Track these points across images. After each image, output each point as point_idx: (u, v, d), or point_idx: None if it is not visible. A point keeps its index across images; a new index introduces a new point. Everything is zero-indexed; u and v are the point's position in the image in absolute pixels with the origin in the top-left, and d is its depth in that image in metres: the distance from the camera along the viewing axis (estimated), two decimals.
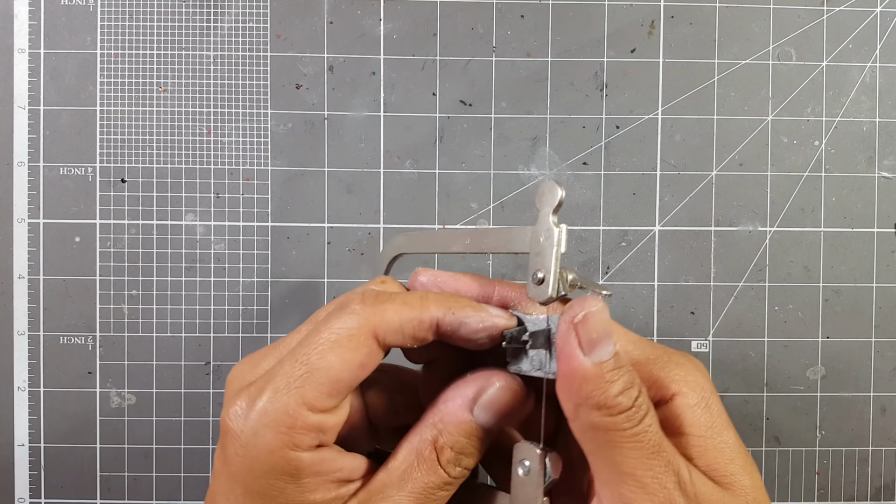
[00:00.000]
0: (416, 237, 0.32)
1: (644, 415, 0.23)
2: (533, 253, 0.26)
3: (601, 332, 0.23)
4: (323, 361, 0.24)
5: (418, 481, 0.25)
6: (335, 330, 0.24)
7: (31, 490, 0.39)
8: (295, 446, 0.23)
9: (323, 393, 0.24)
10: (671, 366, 0.26)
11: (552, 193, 0.26)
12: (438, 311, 0.25)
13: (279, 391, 0.23)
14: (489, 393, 0.25)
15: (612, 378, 0.23)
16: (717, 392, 0.26)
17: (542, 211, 0.27)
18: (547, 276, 0.26)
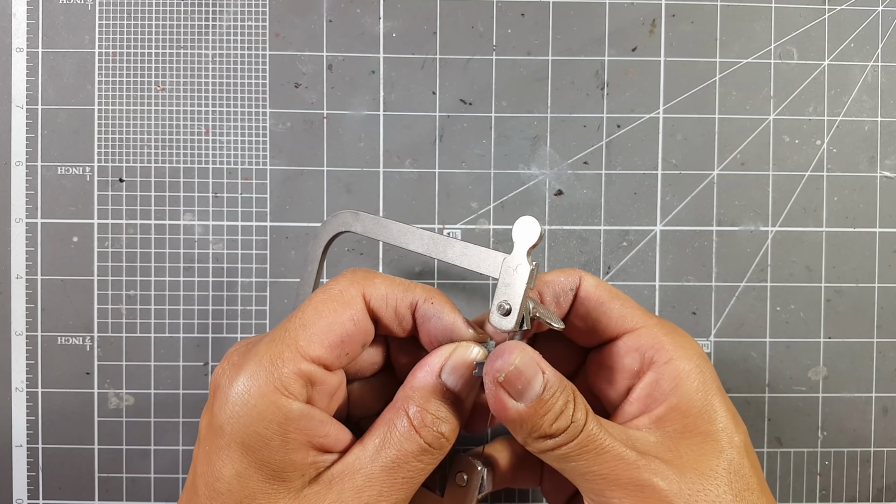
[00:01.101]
0: (367, 219, 0.32)
1: (583, 425, 0.26)
2: (502, 282, 0.28)
3: (524, 380, 0.25)
4: (317, 315, 0.25)
5: (392, 450, 0.26)
6: (327, 289, 0.26)
7: (30, 491, 0.39)
8: (286, 391, 0.24)
9: (315, 342, 0.25)
10: (672, 335, 0.29)
11: (532, 231, 0.27)
12: (420, 296, 0.28)
13: (274, 341, 0.25)
14: (455, 355, 0.27)
15: (545, 410, 0.25)
16: (709, 362, 0.29)
17: (519, 245, 0.28)
18: (514, 309, 0.27)
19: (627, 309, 0.30)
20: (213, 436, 0.25)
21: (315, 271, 0.34)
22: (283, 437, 0.24)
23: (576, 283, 0.30)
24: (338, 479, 0.25)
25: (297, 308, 0.26)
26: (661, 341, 0.29)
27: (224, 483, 0.24)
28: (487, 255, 0.29)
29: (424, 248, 0.30)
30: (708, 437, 0.27)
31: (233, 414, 0.24)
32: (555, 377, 0.26)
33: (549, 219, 0.39)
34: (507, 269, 0.28)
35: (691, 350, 0.29)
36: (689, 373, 0.28)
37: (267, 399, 0.24)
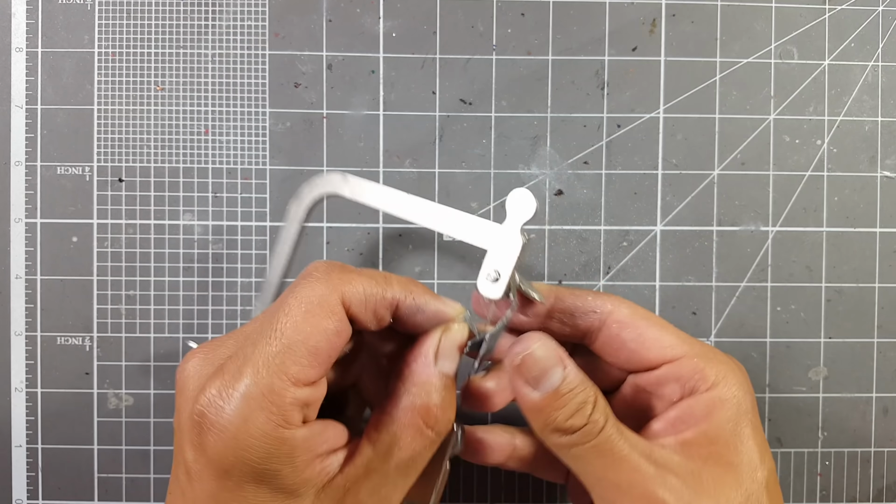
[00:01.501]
0: (356, 182, 0.31)
1: (601, 428, 0.26)
2: (493, 251, 0.28)
3: (541, 369, 0.25)
4: (298, 333, 0.23)
5: (406, 451, 0.26)
6: (304, 299, 0.24)
7: (29, 491, 0.39)
8: (288, 424, 0.23)
9: (305, 365, 0.23)
10: (714, 362, 0.28)
11: (528, 205, 0.28)
12: (399, 293, 0.26)
13: (259, 371, 0.23)
14: (445, 342, 0.27)
15: (561, 404, 0.25)
16: (751, 390, 0.29)
17: (513, 218, 0.28)
18: (502, 278, 0.28)
19: (667, 337, 0.29)
20: (213, 477, 0.23)
21: (295, 236, 0.33)
22: (293, 465, 0.24)
23: (602, 307, 0.29)
24: (353, 484, 0.25)
25: (272, 318, 0.24)
26: (703, 371, 0.28)
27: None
28: (481, 224, 0.29)
29: (416, 216, 0.31)
30: (731, 467, 0.27)
31: (235, 457, 0.23)
32: (576, 373, 0.26)
33: (550, 219, 0.39)
34: (499, 239, 0.28)
35: (732, 379, 0.28)
36: (725, 402, 0.27)
37: (270, 437, 0.23)
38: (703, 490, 0.26)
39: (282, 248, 0.33)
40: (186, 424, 0.24)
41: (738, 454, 0.27)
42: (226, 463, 0.23)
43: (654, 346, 0.29)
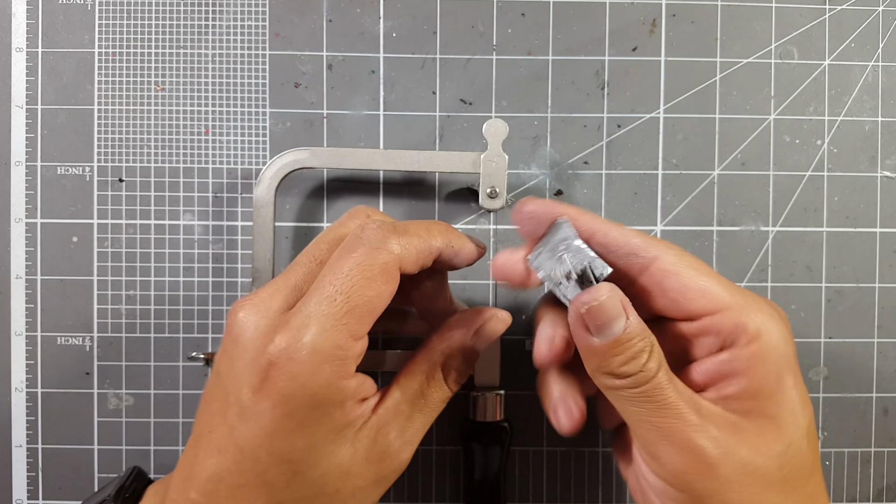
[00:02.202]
0: (324, 152, 0.36)
1: (651, 377, 0.27)
2: (485, 173, 0.35)
3: (605, 318, 0.27)
4: (362, 297, 0.26)
5: (429, 398, 0.30)
6: (366, 265, 0.27)
7: (29, 491, 0.39)
8: (347, 375, 0.27)
9: (366, 324, 0.27)
10: (755, 312, 0.28)
11: (502, 129, 0.35)
12: (441, 243, 0.29)
13: (327, 329, 0.26)
14: (488, 326, 0.31)
15: (619, 351, 0.27)
16: (791, 339, 0.29)
17: (492, 141, 0.35)
18: (501, 191, 0.35)
19: (711, 288, 0.28)
20: (281, 418, 0.26)
21: (271, 217, 0.36)
22: (343, 409, 0.27)
23: (646, 252, 0.29)
24: (383, 425, 0.29)
25: (334, 277, 0.27)
26: (745, 325, 0.28)
27: (309, 453, 0.27)
28: (461, 155, 0.36)
29: (395, 165, 0.36)
30: (773, 420, 0.27)
31: (302, 403, 0.26)
32: (637, 324, 0.27)
33: None
34: (486, 162, 0.35)
35: (774, 329, 0.28)
36: (766, 356, 0.27)
37: (332, 387, 0.26)
38: (744, 441, 0.27)
39: (262, 237, 0.36)
40: (248, 369, 0.26)
41: (781, 407, 0.27)
42: (290, 405, 0.26)
43: (697, 296, 0.28)
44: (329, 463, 0.27)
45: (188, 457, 0.28)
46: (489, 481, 0.37)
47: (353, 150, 0.36)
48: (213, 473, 0.27)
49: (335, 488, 0.27)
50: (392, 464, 0.29)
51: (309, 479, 0.27)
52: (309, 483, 0.27)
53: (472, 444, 0.36)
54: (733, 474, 0.26)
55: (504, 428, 0.36)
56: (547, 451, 0.40)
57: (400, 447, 0.29)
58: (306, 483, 0.27)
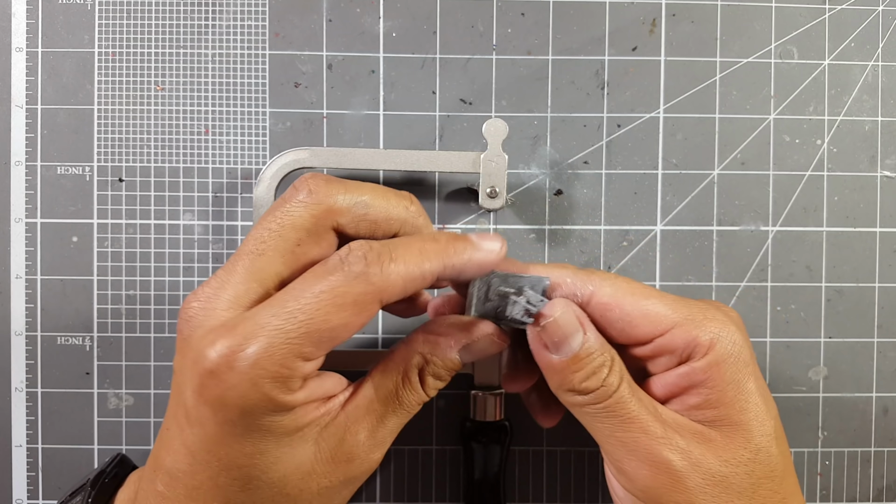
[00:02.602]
0: (324, 152, 0.36)
1: (612, 391, 0.27)
2: (485, 172, 0.35)
3: (561, 335, 0.27)
4: (325, 323, 0.24)
5: (403, 400, 0.28)
6: (342, 293, 0.24)
7: (29, 491, 0.39)
8: (291, 391, 0.24)
9: (322, 349, 0.24)
10: (706, 323, 0.28)
11: (501, 128, 0.35)
12: (436, 267, 0.26)
13: (274, 346, 0.23)
14: (479, 343, 0.29)
15: (578, 367, 0.27)
16: (747, 341, 0.29)
17: (492, 141, 0.35)
18: (501, 191, 0.35)
19: (654, 309, 0.28)
20: (220, 425, 0.24)
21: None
22: (293, 416, 0.25)
23: (582, 289, 0.28)
24: (353, 423, 0.27)
25: (300, 295, 0.24)
26: (695, 337, 0.27)
27: (253, 462, 0.25)
28: (461, 155, 0.36)
29: (395, 165, 0.36)
30: (740, 426, 0.27)
31: (241, 414, 0.24)
32: (596, 339, 0.27)
33: (549, 219, 0.39)
34: (486, 162, 0.35)
35: (726, 337, 0.28)
36: (722, 364, 0.27)
37: (273, 401, 0.24)
38: (711, 450, 0.27)
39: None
40: (190, 371, 0.24)
41: (745, 412, 0.27)
42: (229, 414, 0.24)
43: (642, 322, 0.28)
44: (287, 465, 0.26)
45: (156, 447, 0.27)
46: (489, 481, 0.37)
47: (353, 150, 0.36)
48: (170, 471, 0.26)
49: (298, 489, 0.26)
50: (361, 465, 0.27)
51: (266, 482, 0.25)
52: (267, 485, 0.26)
53: (471, 443, 0.37)
54: (702, 485, 0.26)
55: (504, 427, 0.37)
56: (547, 450, 0.40)
57: (370, 447, 0.27)
58: (264, 486, 0.25)
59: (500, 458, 0.36)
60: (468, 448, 0.37)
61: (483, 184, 0.35)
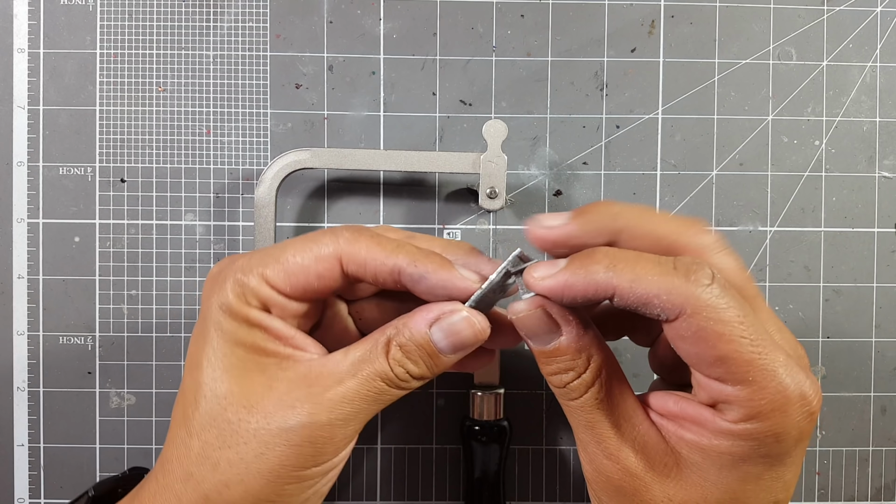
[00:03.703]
0: (325, 153, 0.36)
1: (575, 396, 0.27)
2: (484, 173, 0.36)
3: (527, 332, 0.27)
4: (291, 258, 0.27)
5: (365, 363, 0.27)
6: (311, 244, 0.27)
7: (31, 490, 0.39)
8: (245, 302, 0.27)
9: (278, 277, 0.27)
10: (769, 392, 0.24)
11: (501, 130, 0.35)
12: (403, 261, 0.27)
13: (253, 265, 0.27)
14: (450, 320, 0.27)
15: (545, 361, 0.27)
16: (804, 430, 0.25)
17: (492, 143, 0.36)
18: (501, 191, 0.36)
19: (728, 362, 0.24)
20: (205, 317, 0.28)
21: (272, 217, 0.36)
22: (251, 331, 0.27)
23: (668, 311, 0.24)
24: (312, 375, 0.27)
25: (291, 241, 0.28)
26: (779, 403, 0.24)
27: (206, 357, 0.27)
28: (461, 156, 0.36)
29: (395, 166, 0.36)
30: (702, 480, 0.26)
31: (216, 302, 0.27)
32: (570, 344, 0.26)
33: None
34: (486, 163, 0.36)
35: (780, 419, 0.24)
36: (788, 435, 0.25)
37: (236, 305, 0.27)
38: (661, 484, 0.26)
39: (262, 235, 0.36)
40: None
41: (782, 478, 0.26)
42: (206, 309, 0.28)
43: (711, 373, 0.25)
44: (233, 381, 0.27)
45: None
46: (489, 480, 0.37)
47: (354, 151, 0.36)
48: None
49: (238, 417, 0.26)
50: (304, 415, 0.26)
51: (213, 392, 0.27)
52: (214, 397, 0.27)
53: (471, 442, 0.37)
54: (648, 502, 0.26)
55: (503, 427, 0.37)
56: (546, 449, 0.40)
57: (323, 406, 0.26)
58: (211, 397, 0.27)
59: (499, 458, 0.37)
60: (468, 447, 0.37)
61: (483, 184, 0.36)
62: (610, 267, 0.25)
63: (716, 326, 0.24)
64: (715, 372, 0.24)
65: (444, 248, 0.29)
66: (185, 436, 0.27)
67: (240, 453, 0.26)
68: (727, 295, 0.24)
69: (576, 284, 0.25)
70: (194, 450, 0.27)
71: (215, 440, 0.26)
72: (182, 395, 0.28)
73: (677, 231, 0.27)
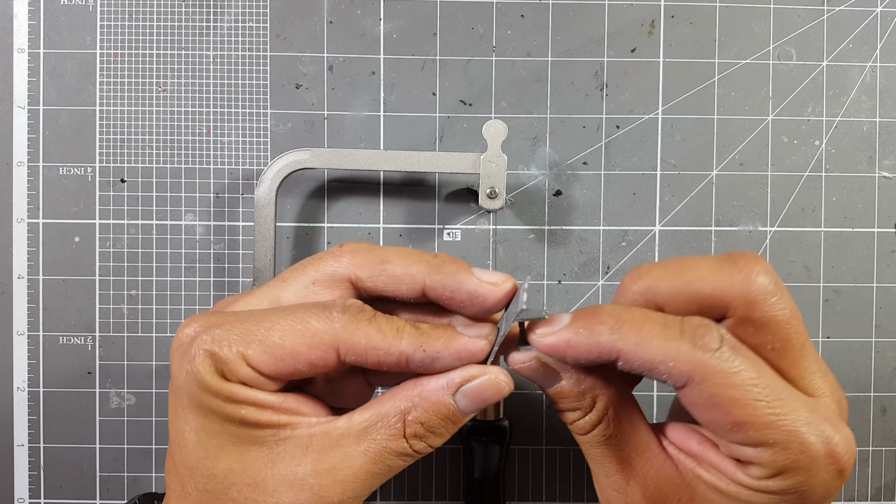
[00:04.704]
0: (325, 153, 0.36)
1: (584, 433, 0.27)
2: (484, 173, 0.36)
3: (531, 378, 0.26)
4: (278, 342, 0.24)
5: (377, 443, 0.25)
6: (305, 325, 0.24)
7: (31, 490, 0.39)
8: (220, 377, 0.24)
9: (261, 360, 0.24)
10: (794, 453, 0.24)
11: (501, 130, 0.36)
12: (408, 348, 0.25)
13: (232, 340, 0.24)
14: (476, 382, 0.25)
15: (555, 400, 0.27)
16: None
17: (492, 142, 0.36)
18: (501, 191, 0.36)
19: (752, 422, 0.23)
20: (176, 394, 0.25)
21: (272, 217, 0.36)
22: (235, 406, 0.25)
23: (677, 377, 0.24)
24: (316, 447, 0.25)
25: (277, 314, 0.25)
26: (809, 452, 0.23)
27: (195, 438, 0.25)
28: (461, 156, 0.36)
29: (395, 166, 0.36)
30: None
31: (187, 387, 0.25)
32: (572, 387, 0.26)
33: (549, 219, 0.39)
34: (486, 163, 0.36)
35: (803, 477, 0.24)
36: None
37: (214, 386, 0.24)
38: None
39: (262, 237, 0.36)
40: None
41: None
42: (176, 382, 0.25)
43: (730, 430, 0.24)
44: (230, 460, 0.25)
45: None
46: (489, 480, 0.37)
47: (354, 151, 0.36)
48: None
49: (244, 496, 0.24)
50: (314, 500, 0.25)
51: (209, 471, 0.25)
52: (211, 476, 0.25)
53: (471, 442, 0.37)
54: None
55: (503, 427, 0.37)
56: (546, 449, 0.40)
57: (328, 484, 0.25)
58: (208, 475, 0.25)
59: (499, 458, 0.37)
60: (468, 447, 0.37)
61: (483, 184, 0.36)
62: (615, 329, 0.24)
63: (728, 392, 0.23)
64: (733, 437, 0.24)
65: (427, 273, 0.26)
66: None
67: None
68: (738, 357, 0.23)
69: (578, 345, 0.24)
70: None
71: None
72: (175, 469, 0.26)
73: (718, 283, 0.25)
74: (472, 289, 0.25)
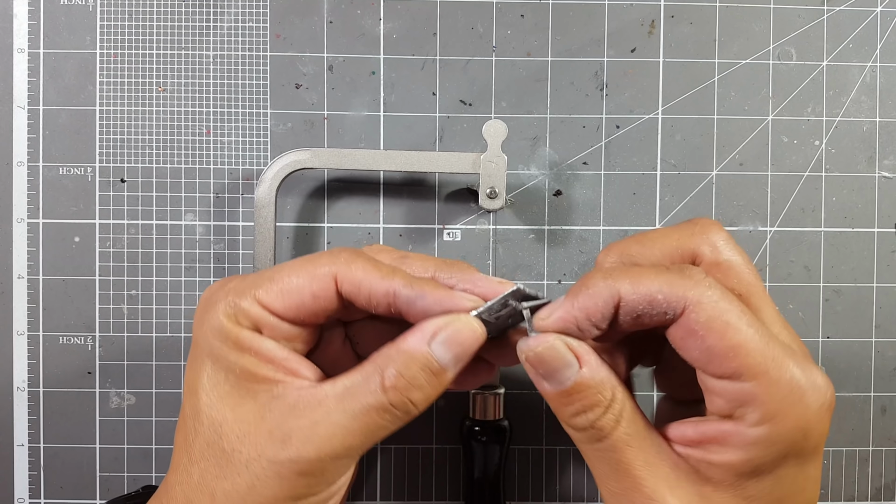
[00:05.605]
0: (325, 153, 0.36)
1: (604, 435, 0.25)
2: (484, 173, 0.36)
3: (546, 368, 0.25)
4: (283, 279, 0.27)
5: (356, 399, 0.26)
6: (307, 263, 0.27)
7: (31, 490, 0.39)
8: (237, 323, 0.26)
9: (271, 296, 0.26)
10: (793, 394, 0.24)
11: (501, 130, 0.36)
12: (399, 283, 0.26)
13: (245, 287, 0.27)
14: (452, 328, 0.26)
15: (567, 402, 0.25)
16: (814, 428, 0.24)
17: (492, 142, 0.36)
18: (501, 191, 0.36)
19: (743, 349, 0.24)
20: (196, 344, 0.28)
21: (272, 217, 0.36)
22: (241, 354, 0.26)
23: (674, 306, 0.24)
24: (301, 406, 0.26)
25: (287, 263, 0.28)
26: (773, 405, 0.24)
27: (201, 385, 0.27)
28: (461, 156, 0.36)
29: (395, 166, 0.36)
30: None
31: (206, 328, 0.27)
32: (593, 374, 0.25)
33: (549, 219, 0.39)
34: (486, 163, 0.36)
35: (786, 419, 0.24)
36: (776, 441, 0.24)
37: (226, 326, 0.26)
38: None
39: (262, 236, 0.36)
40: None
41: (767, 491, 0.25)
42: (199, 333, 0.27)
43: (721, 362, 0.24)
44: (225, 408, 0.26)
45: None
46: (489, 480, 0.37)
47: (354, 151, 0.36)
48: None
49: (232, 446, 0.26)
50: (293, 450, 0.25)
51: (206, 417, 0.26)
52: (207, 423, 0.26)
53: (471, 442, 0.37)
54: None
55: (503, 427, 0.37)
56: (546, 449, 0.40)
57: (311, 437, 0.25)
58: (205, 421, 0.26)
59: (499, 458, 0.37)
60: (468, 447, 0.37)
61: (483, 184, 0.36)
62: (607, 276, 0.25)
63: (723, 316, 0.24)
64: (728, 366, 0.24)
65: (439, 267, 0.28)
66: (187, 462, 0.27)
67: (234, 485, 0.26)
68: (724, 290, 0.25)
69: (583, 304, 0.25)
70: (194, 477, 0.26)
71: (213, 469, 0.26)
72: (182, 422, 0.27)
73: (682, 235, 0.27)
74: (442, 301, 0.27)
